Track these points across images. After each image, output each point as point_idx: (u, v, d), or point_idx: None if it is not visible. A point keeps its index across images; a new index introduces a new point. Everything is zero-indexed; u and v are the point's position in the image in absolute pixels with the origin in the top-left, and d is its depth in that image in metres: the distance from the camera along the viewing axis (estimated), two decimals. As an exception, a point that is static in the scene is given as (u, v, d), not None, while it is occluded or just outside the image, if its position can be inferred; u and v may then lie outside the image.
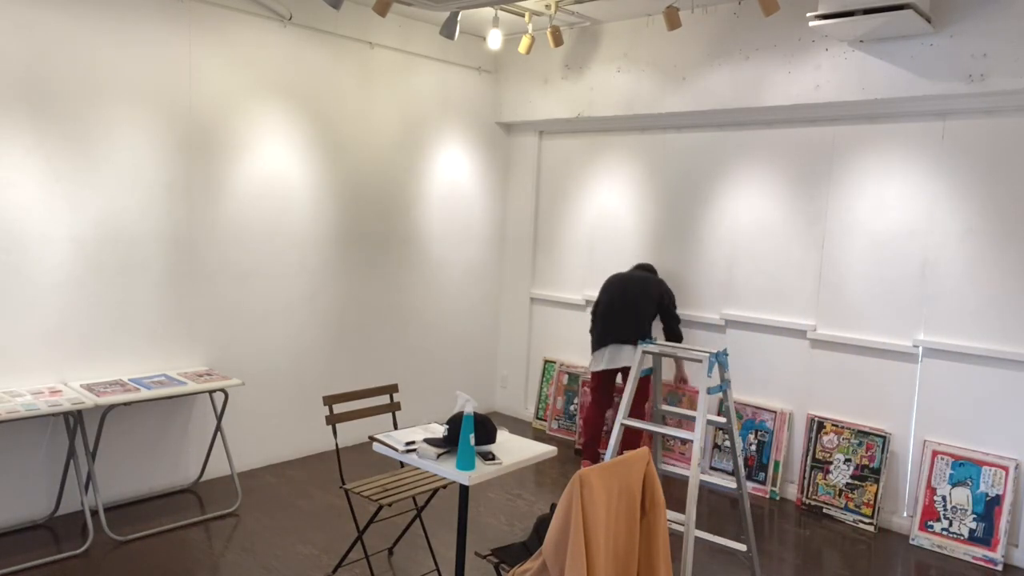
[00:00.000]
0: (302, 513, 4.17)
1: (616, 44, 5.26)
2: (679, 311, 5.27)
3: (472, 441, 2.72)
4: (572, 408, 5.79)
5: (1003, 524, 3.94)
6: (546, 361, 6.07)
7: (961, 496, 4.09)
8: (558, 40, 4.84)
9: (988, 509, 4.00)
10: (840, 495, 4.48)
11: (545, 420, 5.98)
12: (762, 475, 4.81)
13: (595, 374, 4.89)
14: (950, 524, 4.10)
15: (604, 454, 4.92)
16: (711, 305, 5.14)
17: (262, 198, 4.67)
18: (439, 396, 5.91)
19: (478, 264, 6.10)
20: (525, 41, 4.95)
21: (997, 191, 4.03)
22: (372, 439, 3.08)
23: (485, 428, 2.98)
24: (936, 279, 4.23)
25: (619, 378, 5.23)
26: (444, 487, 3.44)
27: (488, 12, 5.03)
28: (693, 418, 3.41)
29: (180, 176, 4.27)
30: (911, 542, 4.20)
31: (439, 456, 2.87)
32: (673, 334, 4.83)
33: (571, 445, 5.63)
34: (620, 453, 4.66)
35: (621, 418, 3.56)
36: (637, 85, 5.13)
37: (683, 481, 4.82)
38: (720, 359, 3.39)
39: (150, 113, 4.12)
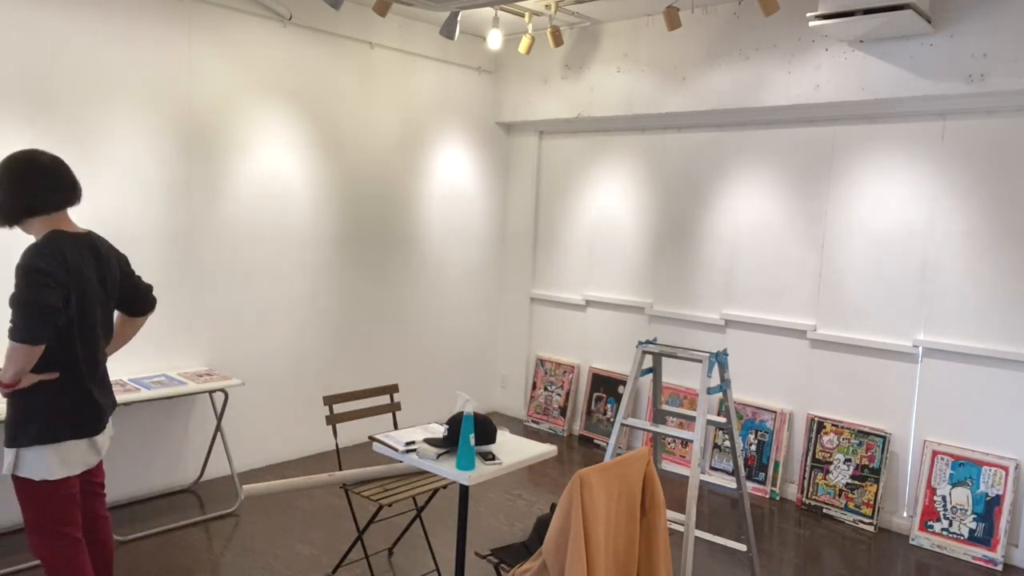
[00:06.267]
0: (302, 513, 4.17)
1: (616, 44, 5.26)
2: (679, 311, 5.26)
3: (472, 441, 2.73)
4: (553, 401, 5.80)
5: (1003, 524, 3.94)
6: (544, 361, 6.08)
7: (961, 496, 4.09)
8: (558, 40, 4.84)
9: (988, 509, 4.00)
10: (840, 495, 4.48)
11: (530, 415, 5.99)
12: (762, 475, 4.81)
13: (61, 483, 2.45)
14: (950, 524, 4.10)
15: None
16: (711, 305, 5.14)
17: (262, 198, 4.66)
18: (439, 396, 5.91)
19: (478, 264, 6.10)
20: (525, 41, 4.95)
21: (997, 191, 4.03)
22: (372, 439, 3.08)
23: (485, 428, 2.98)
24: (936, 279, 4.23)
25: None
26: (444, 487, 3.44)
27: (488, 12, 5.03)
28: (693, 418, 3.41)
29: (180, 176, 4.27)
30: (911, 542, 4.20)
31: (439, 456, 2.87)
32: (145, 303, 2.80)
33: (557, 439, 5.62)
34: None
35: (621, 418, 3.56)
36: (637, 85, 5.13)
37: (683, 481, 4.82)
38: (720, 359, 3.39)
39: (150, 113, 4.12)
